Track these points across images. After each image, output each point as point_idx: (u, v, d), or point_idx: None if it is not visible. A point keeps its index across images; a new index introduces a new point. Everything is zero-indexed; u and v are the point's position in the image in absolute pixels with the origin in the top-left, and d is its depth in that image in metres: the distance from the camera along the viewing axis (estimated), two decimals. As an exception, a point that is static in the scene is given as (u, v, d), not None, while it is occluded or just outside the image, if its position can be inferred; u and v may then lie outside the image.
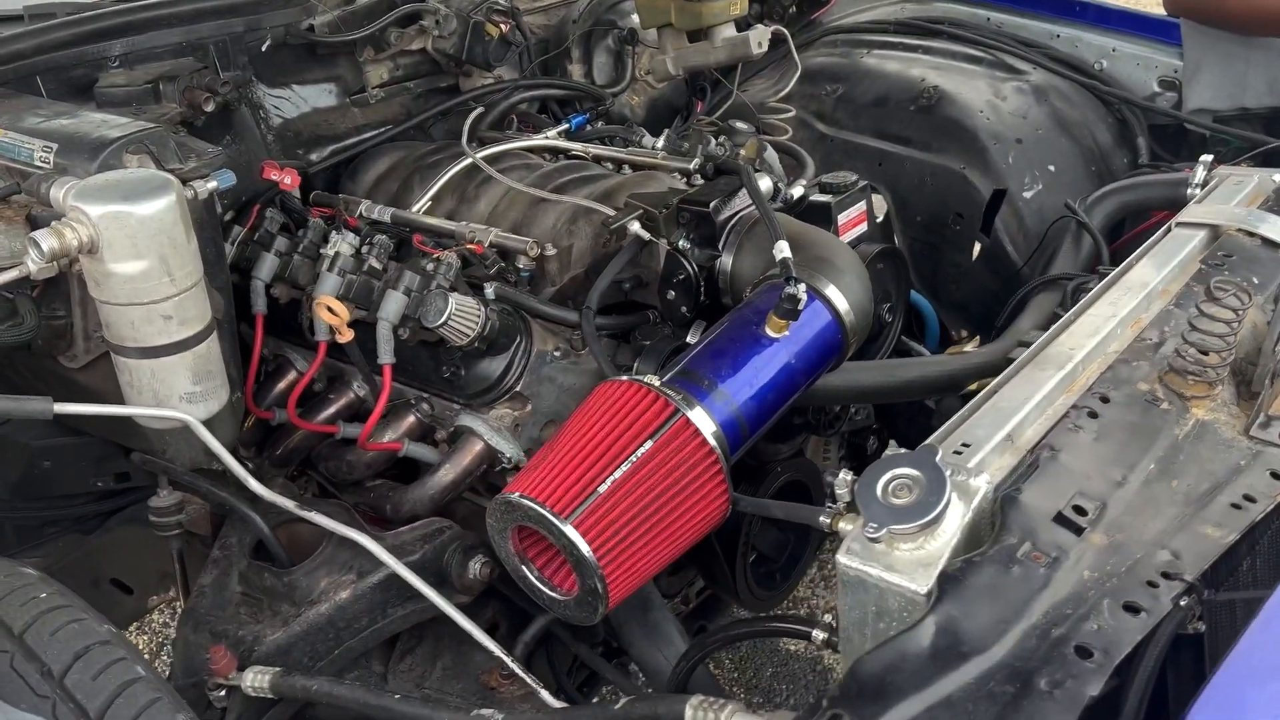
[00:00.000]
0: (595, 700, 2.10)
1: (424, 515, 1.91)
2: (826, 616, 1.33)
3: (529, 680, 1.58)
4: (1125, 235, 2.28)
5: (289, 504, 1.71)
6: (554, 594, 1.45)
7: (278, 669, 1.59)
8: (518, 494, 1.39)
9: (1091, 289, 1.91)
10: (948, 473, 1.16)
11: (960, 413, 1.35)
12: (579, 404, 1.97)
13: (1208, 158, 2.13)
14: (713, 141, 2.38)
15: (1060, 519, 1.16)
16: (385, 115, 2.60)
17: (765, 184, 1.86)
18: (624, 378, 1.53)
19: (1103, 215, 2.24)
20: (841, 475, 1.23)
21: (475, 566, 1.73)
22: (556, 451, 1.43)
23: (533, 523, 1.39)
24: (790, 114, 2.75)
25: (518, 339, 1.86)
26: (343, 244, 2.00)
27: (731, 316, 1.67)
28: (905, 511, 1.15)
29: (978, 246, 2.57)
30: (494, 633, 1.93)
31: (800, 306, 1.55)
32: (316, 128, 2.49)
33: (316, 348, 2.13)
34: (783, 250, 1.61)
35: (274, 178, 1.99)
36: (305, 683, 1.55)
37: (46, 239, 1.46)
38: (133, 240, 1.51)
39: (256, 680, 1.57)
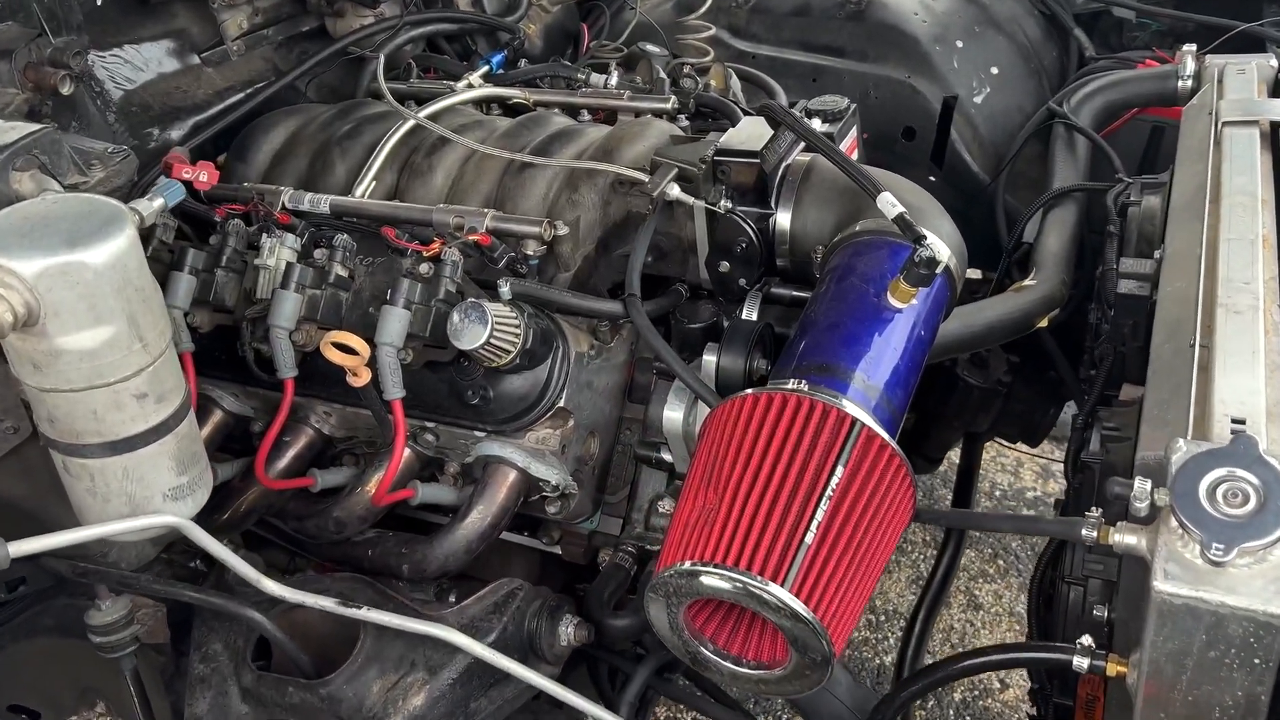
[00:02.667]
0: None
1: (455, 570, 1.57)
2: (1085, 639, 1.14)
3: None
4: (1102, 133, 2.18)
5: (327, 604, 1.32)
6: (745, 669, 1.18)
7: (364, 816, 1.23)
8: (702, 563, 1.10)
9: (1139, 202, 1.79)
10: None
11: (1194, 382, 1.17)
12: (612, 406, 1.68)
13: (1191, 47, 2.04)
14: (661, 73, 2.08)
15: (1394, 496, 1.01)
16: (248, 74, 2.12)
17: (814, 123, 1.59)
18: (754, 389, 1.24)
19: (1091, 117, 2.13)
20: (1139, 484, 1.02)
21: (568, 631, 1.42)
22: (725, 499, 1.13)
23: (729, 595, 1.10)
24: (710, 32, 2.46)
25: (554, 344, 1.52)
26: (283, 249, 1.57)
27: (834, 288, 1.40)
28: (1253, 524, 0.96)
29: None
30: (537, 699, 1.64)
31: (939, 270, 1.31)
32: (168, 98, 1.98)
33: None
34: (894, 205, 1.36)
35: (186, 177, 1.51)
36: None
37: (-31, 318, 0.99)
38: (90, 302, 1.06)
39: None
